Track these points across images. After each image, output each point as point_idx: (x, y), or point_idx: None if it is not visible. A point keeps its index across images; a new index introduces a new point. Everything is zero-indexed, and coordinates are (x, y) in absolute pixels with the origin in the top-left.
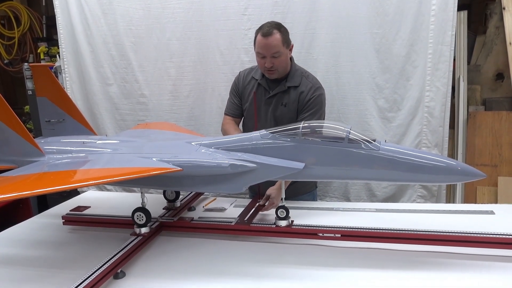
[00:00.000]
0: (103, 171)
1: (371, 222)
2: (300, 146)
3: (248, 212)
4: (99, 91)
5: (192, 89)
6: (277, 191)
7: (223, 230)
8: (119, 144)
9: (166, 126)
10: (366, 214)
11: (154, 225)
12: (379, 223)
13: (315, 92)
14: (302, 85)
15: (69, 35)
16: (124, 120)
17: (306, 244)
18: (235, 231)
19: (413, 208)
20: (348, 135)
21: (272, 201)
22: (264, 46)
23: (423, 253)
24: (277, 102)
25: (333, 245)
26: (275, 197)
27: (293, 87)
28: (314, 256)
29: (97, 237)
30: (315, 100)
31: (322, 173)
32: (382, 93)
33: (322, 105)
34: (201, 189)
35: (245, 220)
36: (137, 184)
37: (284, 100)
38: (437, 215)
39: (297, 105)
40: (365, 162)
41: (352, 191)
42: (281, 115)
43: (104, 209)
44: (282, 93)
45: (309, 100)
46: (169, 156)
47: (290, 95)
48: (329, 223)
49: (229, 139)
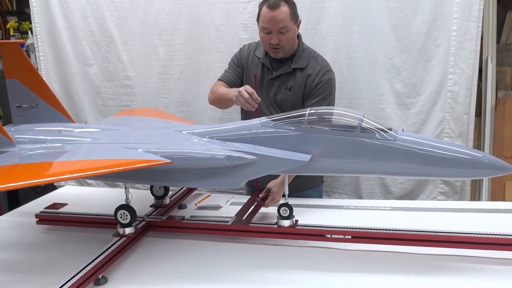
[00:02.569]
0: (82, 163)
1: (385, 222)
2: (305, 136)
3: (246, 211)
4: (78, 73)
5: (184, 70)
6: (279, 185)
7: (218, 230)
8: (101, 133)
9: (153, 113)
10: (380, 213)
11: (140, 224)
12: (394, 223)
13: (324, 75)
14: (310, 67)
15: (43, 9)
16: (106, 105)
17: (312, 246)
18: (232, 232)
19: (434, 207)
20: (360, 124)
21: (273, 196)
22: (270, 19)
23: (445, 257)
24: (280, 85)
25: (343, 248)
26: (277, 192)
27: (299, 69)
28: (321, 260)
29: (75, 238)
30: (324, 85)
31: (330, 166)
32: (400, 76)
33: (332, 91)
34: (193, 184)
35: (243, 219)
36: (121, 178)
37: (288, 83)
38: (461, 214)
39: (303, 89)
40: (379, 154)
41: (364, 187)
42: (284, 100)
43: (83, 207)
44: (286, 75)
45: (317, 84)
46: (157, 146)
47: (295, 78)
48: (338, 223)
49: (225, 128)
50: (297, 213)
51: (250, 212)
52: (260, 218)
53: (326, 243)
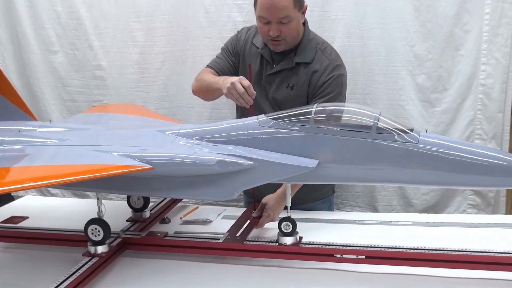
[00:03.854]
0: (45, 169)
1: (406, 239)
2: (312, 137)
3: (241, 226)
4: (40, 61)
5: (166, 59)
6: (277, 200)
7: (207, 249)
8: (68, 133)
9: (130, 110)
10: (400, 229)
11: (114, 242)
12: (416, 241)
13: (333, 72)
14: (316, 61)
15: None
16: (74, 100)
17: (319, 268)
18: (224, 251)
19: (463, 221)
20: (376, 123)
21: (267, 213)
22: (268, 8)
23: (477, 281)
24: (281, 82)
25: (355, 270)
26: (273, 207)
27: (303, 63)
28: (329, 285)
29: (37, 258)
30: (332, 83)
31: (341, 173)
32: (423, 67)
33: (342, 90)
34: (178, 194)
35: (237, 236)
36: (92, 188)
37: (291, 81)
38: (495, 230)
39: (308, 88)
40: (399, 159)
41: (381, 199)
42: (285, 100)
43: (47, 221)
44: (288, 70)
45: (324, 82)
46: (135, 149)
47: (299, 75)
48: (350, 241)
49: (217, 128)
50: (301, 228)
51: (245, 228)
52: (258, 234)
53: (335, 265)
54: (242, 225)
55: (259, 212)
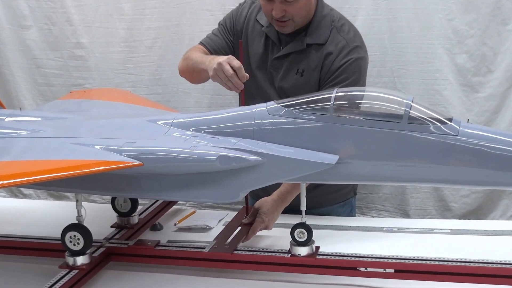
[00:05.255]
0: (15, 165)
1: (442, 250)
2: (331, 128)
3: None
4: (10, 38)
5: (159, 35)
6: (273, 204)
7: (205, 261)
8: (42, 123)
9: (116, 96)
10: (435, 237)
11: (97, 252)
12: (455, 252)
13: (350, 54)
14: (331, 42)
15: None
16: (49, 84)
17: (339, 284)
18: (224, 263)
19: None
20: (408, 112)
21: (261, 218)
22: None
23: None
24: (289, 67)
25: (383, 287)
26: (267, 213)
27: (315, 45)
28: None
29: (5, 271)
30: (348, 68)
31: (365, 171)
32: (463, 45)
33: (360, 76)
34: (172, 195)
35: (227, 244)
36: (71, 187)
37: (300, 66)
38: None
39: (320, 73)
40: (434, 155)
41: (413, 202)
42: (293, 88)
43: (17, 226)
44: (298, 53)
45: (339, 67)
46: (121, 142)
47: (310, 58)
48: (376, 252)
49: (218, 117)
50: (318, 237)
51: (235, 235)
52: (270, 243)
53: (359, 280)
54: (232, 232)
55: (251, 218)
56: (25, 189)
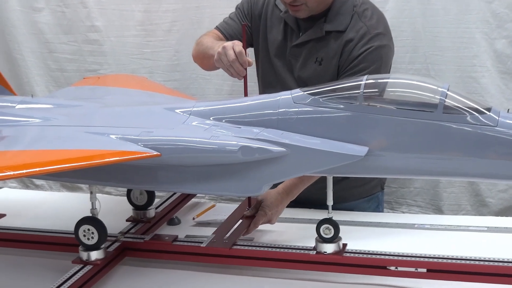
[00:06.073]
0: (27, 155)
1: (478, 249)
2: (361, 118)
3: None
4: (21, 21)
5: (177, 18)
6: (277, 197)
7: (224, 257)
8: (54, 110)
9: (131, 82)
10: (471, 235)
11: (112, 247)
12: (492, 250)
13: (371, 42)
14: (351, 29)
15: None
16: (62, 70)
17: (367, 284)
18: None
19: None
20: (443, 100)
21: (263, 212)
22: None
23: None
24: (307, 56)
25: (414, 287)
26: (271, 206)
27: (335, 32)
28: None
29: (17, 266)
30: (368, 57)
31: (397, 164)
32: (503, 29)
33: (381, 66)
34: (190, 188)
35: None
36: (85, 179)
37: (319, 54)
38: None
39: (339, 60)
40: (471, 147)
41: (447, 197)
42: (312, 78)
43: (28, 219)
44: (317, 41)
45: (358, 56)
46: (138, 131)
47: (329, 46)
48: (407, 250)
49: (240, 105)
50: (344, 233)
51: (236, 229)
52: None
53: (388, 279)
54: (233, 225)
55: (253, 211)
56: (37, 180)
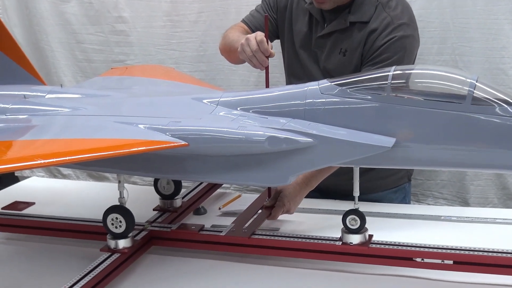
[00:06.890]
0: (56, 144)
1: (506, 241)
2: (388, 109)
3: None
4: (49, 12)
5: (204, 9)
6: (295, 187)
7: (243, 246)
8: (83, 100)
9: (159, 72)
10: (498, 228)
11: (139, 235)
12: None
13: (394, 32)
14: (375, 19)
15: None
16: (89, 60)
17: (392, 275)
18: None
19: None
20: (472, 92)
21: (282, 202)
22: None
23: None
24: (332, 47)
25: (441, 279)
26: (289, 196)
27: (359, 23)
28: None
29: (45, 253)
30: (391, 47)
31: (424, 156)
32: None
33: (404, 56)
34: (217, 178)
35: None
36: (112, 168)
37: (343, 45)
38: None
39: (362, 51)
40: (500, 139)
41: (474, 189)
42: (337, 69)
43: (57, 207)
44: (341, 32)
45: (380, 46)
46: (165, 121)
47: (353, 37)
48: (433, 242)
49: (267, 95)
50: (370, 225)
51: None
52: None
53: (414, 271)
54: (252, 215)
55: (272, 201)
56: (64, 169)
